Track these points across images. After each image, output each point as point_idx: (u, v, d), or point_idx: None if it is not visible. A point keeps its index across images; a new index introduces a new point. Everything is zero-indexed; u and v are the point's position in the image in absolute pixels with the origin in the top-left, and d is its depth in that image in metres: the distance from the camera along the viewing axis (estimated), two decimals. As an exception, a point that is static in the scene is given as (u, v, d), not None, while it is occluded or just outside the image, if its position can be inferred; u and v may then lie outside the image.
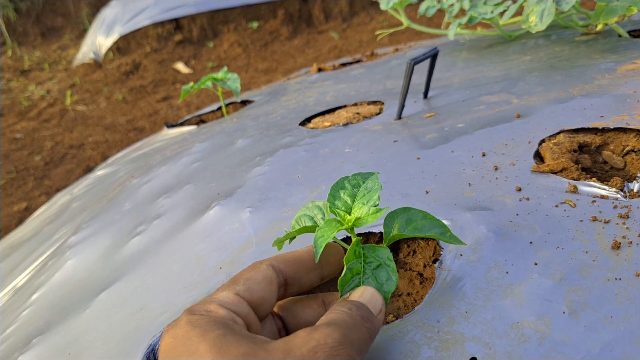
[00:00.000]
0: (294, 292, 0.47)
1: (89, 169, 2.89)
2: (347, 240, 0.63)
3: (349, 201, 0.52)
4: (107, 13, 4.88)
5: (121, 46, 4.76)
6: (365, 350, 0.40)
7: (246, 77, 3.98)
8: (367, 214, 0.49)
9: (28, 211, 2.56)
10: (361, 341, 0.39)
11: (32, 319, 0.76)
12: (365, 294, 0.44)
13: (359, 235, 0.63)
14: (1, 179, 2.97)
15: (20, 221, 2.42)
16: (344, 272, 0.46)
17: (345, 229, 0.49)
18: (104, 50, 4.72)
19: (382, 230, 0.51)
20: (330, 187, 0.53)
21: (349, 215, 0.50)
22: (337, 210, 0.51)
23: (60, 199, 1.53)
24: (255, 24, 4.87)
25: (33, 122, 3.83)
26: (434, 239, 0.61)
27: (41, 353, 0.66)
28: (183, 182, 0.94)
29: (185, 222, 0.79)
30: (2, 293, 0.98)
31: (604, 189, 0.60)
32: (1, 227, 2.46)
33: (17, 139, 3.53)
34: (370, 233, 0.63)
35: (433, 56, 0.96)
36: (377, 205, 0.50)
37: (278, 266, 0.45)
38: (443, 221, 0.59)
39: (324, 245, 0.47)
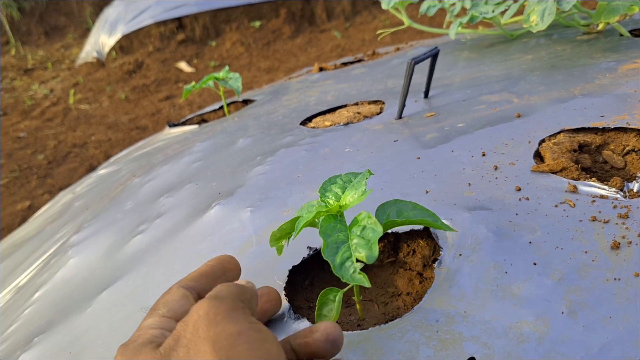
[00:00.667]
0: None
1: (91, 168, 2.90)
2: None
3: (339, 192, 0.52)
4: (110, 12, 4.89)
5: (124, 45, 4.77)
6: (242, 296, 0.40)
7: (248, 76, 3.99)
8: (353, 198, 0.50)
9: (31, 210, 2.57)
10: (229, 291, 0.40)
11: (34, 318, 0.76)
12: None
13: None
14: (4, 178, 2.98)
15: (23, 220, 2.43)
16: (323, 244, 0.47)
17: (332, 213, 0.50)
18: (107, 49, 4.73)
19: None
20: (323, 182, 0.53)
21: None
22: (327, 200, 0.51)
23: (63, 197, 1.54)
24: (257, 23, 4.87)
25: (36, 121, 3.84)
26: (433, 239, 0.61)
27: (43, 352, 0.66)
28: (184, 181, 0.95)
29: (187, 221, 0.79)
30: (4, 292, 0.98)
31: (603, 188, 0.60)
32: (4, 225, 2.47)
33: (21, 138, 3.54)
34: None
35: (434, 55, 0.96)
36: (364, 190, 0.50)
37: (187, 284, 0.46)
38: (443, 221, 0.59)
39: (301, 225, 0.49)
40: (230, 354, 0.32)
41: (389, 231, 0.62)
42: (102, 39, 4.76)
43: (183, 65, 4.50)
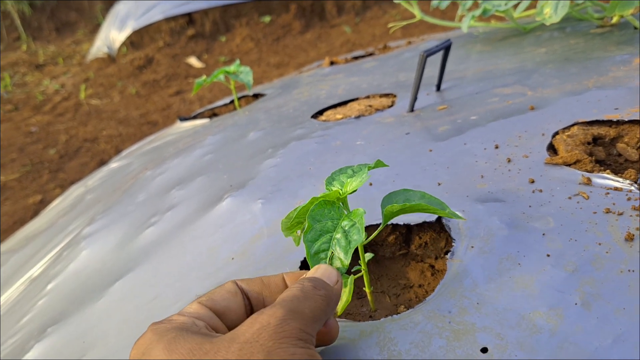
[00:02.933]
0: (261, 307, 0.47)
1: (102, 162, 2.92)
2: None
3: (345, 180, 0.52)
4: (120, 8, 4.91)
5: (134, 41, 4.79)
6: (323, 317, 0.41)
7: (258, 71, 3.99)
8: (352, 186, 0.50)
9: (43, 204, 2.59)
10: (315, 309, 0.40)
11: (47, 309, 0.77)
12: (318, 270, 0.45)
13: None
14: (17, 172, 3.01)
15: (35, 213, 2.45)
16: (306, 226, 0.47)
17: (333, 200, 0.49)
18: (117, 44, 4.75)
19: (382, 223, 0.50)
20: (332, 172, 0.53)
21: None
22: (331, 188, 0.51)
23: (75, 191, 1.55)
24: (267, 18, 4.87)
25: (48, 115, 3.87)
26: (445, 231, 0.61)
27: (56, 341, 0.67)
28: (196, 174, 0.95)
29: (198, 213, 0.79)
30: (19, 283, 0.99)
31: (617, 181, 0.59)
32: (17, 219, 2.49)
33: (32, 133, 3.57)
34: (370, 225, 0.63)
35: (446, 48, 0.96)
36: (364, 177, 0.50)
37: (241, 284, 0.46)
38: (457, 213, 0.59)
39: (297, 212, 0.49)
40: None
41: (401, 223, 0.62)
42: (113, 34, 4.78)
43: (193, 61, 4.51)
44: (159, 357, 0.36)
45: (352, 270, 0.53)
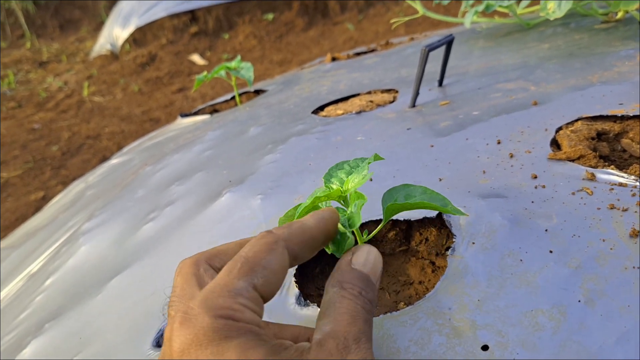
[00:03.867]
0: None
1: (105, 159, 2.92)
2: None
3: (344, 177, 0.51)
4: (123, 5, 4.91)
5: (137, 38, 4.79)
6: (372, 325, 0.38)
7: (261, 68, 3.98)
8: (354, 183, 0.48)
9: (45, 200, 2.59)
10: (367, 323, 0.37)
11: (46, 304, 0.77)
12: (369, 259, 0.41)
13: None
14: (19, 169, 3.01)
15: (37, 210, 2.45)
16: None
17: (335, 199, 0.49)
18: (120, 42, 4.75)
19: (382, 218, 0.49)
20: (329, 168, 0.52)
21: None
22: (330, 185, 0.50)
23: (76, 187, 1.55)
24: (270, 16, 4.86)
25: (51, 112, 3.87)
26: (446, 227, 0.60)
27: (54, 337, 0.66)
28: (195, 170, 0.94)
29: (197, 208, 0.79)
30: (18, 279, 0.99)
31: (622, 176, 0.58)
32: (19, 215, 2.50)
33: (35, 130, 3.57)
34: (370, 221, 0.62)
35: (448, 43, 0.95)
36: (366, 174, 0.49)
37: (292, 249, 0.39)
38: (458, 209, 0.58)
39: (300, 211, 0.47)
40: None
41: (401, 218, 0.61)
42: (116, 31, 4.78)
43: (196, 58, 4.51)
44: (232, 357, 0.31)
45: None
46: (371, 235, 0.50)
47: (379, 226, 0.49)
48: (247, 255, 0.36)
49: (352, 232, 0.47)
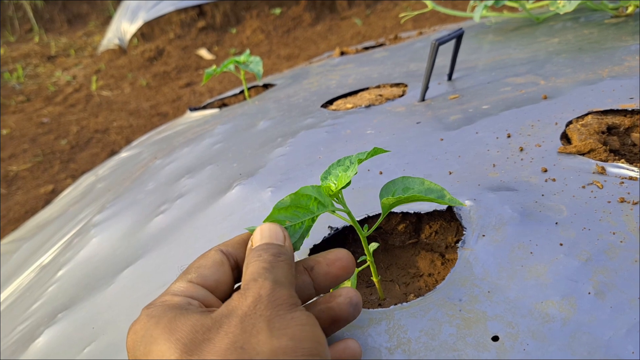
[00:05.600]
0: None
1: (113, 153, 2.93)
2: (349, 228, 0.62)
3: (340, 174, 0.50)
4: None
5: (145, 32, 4.79)
6: (293, 279, 0.41)
7: (268, 63, 3.98)
8: (342, 182, 0.48)
9: (54, 193, 2.61)
10: (285, 275, 0.40)
11: (58, 295, 0.78)
12: (263, 233, 0.44)
13: (359, 221, 0.61)
14: (28, 162, 3.03)
15: (46, 203, 2.47)
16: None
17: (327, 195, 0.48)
18: (128, 36, 4.76)
19: (390, 212, 0.49)
20: (329, 166, 0.51)
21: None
22: (329, 184, 0.49)
23: (86, 180, 1.56)
24: (278, 10, 4.85)
25: (59, 107, 3.89)
26: (456, 220, 0.60)
27: (66, 327, 0.67)
28: (205, 163, 0.95)
29: (208, 201, 0.79)
30: (29, 270, 1.00)
31: (632, 170, 0.58)
32: (29, 208, 2.52)
33: (44, 124, 3.59)
34: (375, 215, 0.62)
35: (458, 37, 0.94)
36: (352, 173, 0.48)
37: (227, 249, 0.45)
38: (466, 201, 0.58)
39: (269, 216, 0.48)
40: (283, 333, 0.35)
41: (411, 211, 0.61)
42: (124, 26, 4.79)
43: (203, 53, 4.51)
44: (159, 338, 0.36)
45: (357, 261, 0.53)
46: (371, 230, 0.50)
47: (378, 220, 0.49)
48: (190, 264, 0.45)
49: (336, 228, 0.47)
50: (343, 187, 0.48)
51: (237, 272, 0.45)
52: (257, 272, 0.40)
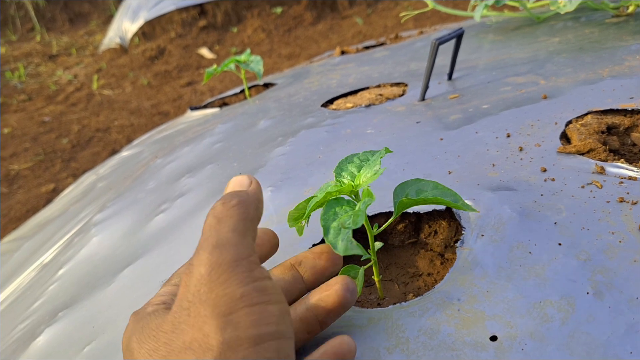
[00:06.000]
0: None
1: (114, 152, 2.94)
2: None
3: (355, 172, 0.51)
4: (132, -2, 4.92)
5: (146, 31, 4.80)
6: (250, 225, 0.36)
7: (269, 62, 3.98)
8: (367, 178, 0.48)
9: (55, 192, 2.61)
10: (236, 225, 0.35)
11: (58, 294, 0.78)
12: (228, 187, 0.42)
13: (369, 217, 0.62)
14: (30, 161, 3.04)
15: (47, 202, 2.47)
16: (324, 231, 0.45)
17: (347, 194, 0.49)
18: (129, 35, 4.76)
19: (392, 211, 0.50)
20: (339, 161, 0.52)
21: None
22: (342, 180, 0.50)
23: (87, 179, 1.56)
24: (279, 9, 4.85)
25: (60, 105, 3.90)
26: (455, 220, 0.60)
27: (66, 326, 0.67)
28: (206, 162, 0.95)
29: (208, 200, 0.79)
30: (30, 269, 1.00)
31: (632, 170, 0.58)
32: (30, 207, 2.52)
33: (45, 122, 3.60)
34: (380, 213, 0.62)
35: (458, 36, 0.94)
36: (378, 169, 0.49)
37: None
38: (466, 201, 0.58)
39: (311, 207, 0.48)
40: (230, 320, 0.30)
41: (410, 211, 0.61)
42: (125, 25, 4.80)
43: (204, 52, 4.51)
44: (135, 349, 0.35)
45: (361, 260, 0.53)
46: (382, 228, 0.51)
47: (390, 220, 0.50)
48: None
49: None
50: (366, 184, 0.48)
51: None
52: (203, 236, 0.35)
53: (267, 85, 1.66)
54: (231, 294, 0.31)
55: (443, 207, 0.60)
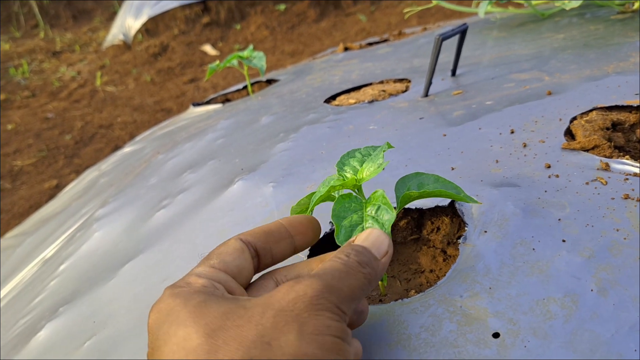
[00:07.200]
0: (268, 263, 0.46)
1: (117, 148, 2.94)
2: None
3: (357, 166, 0.51)
4: (136, -5, 4.91)
5: (150, 28, 4.79)
6: (361, 295, 0.39)
7: (272, 59, 3.97)
8: (370, 172, 0.48)
9: (58, 188, 2.62)
10: (355, 288, 0.38)
11: (60, 289, 0.78)
12: (370, 237, 0.43)
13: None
14: (33, 157, 3.04)
15: (50, 198, 2.47)
16: (336, 228, 0.46)
17: (350, 188, 0.49)
18: (133, 32, 4.76)
19: (394, 207, 0.49)
20: (341, 156, 0.52)
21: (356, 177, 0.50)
22: (344, 174, 0.50)
23: (89, 175, 1.56)
24: (282, 6, 4.84)
25: (64, 102, 3.90)
26: (458, 216, 0.59)
27: (67, 321, 0.67)
28: (207, 158, 0.95)
29: (209, 196, 0.79)
30: (32, 264, 1.00)
31: (637, 166, 0.58)
32: (33, 203, 2.52)
33: (49, 119, 3.60)
34: None
35: (462, 32, 0.94)
36: (381, 163, 0.49)
37: (246, 238, 0.44)
38: (470, 196, 0.58)
39: (315, 200, 0.48)
40: (315, 339, 0.33)
41: (412, 207, 0.61)
42: (128, 22, 4.79)
43: (208, 49, 4.51)
44: (187, 320, 0.35)
45: None
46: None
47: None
48: (210, 252, 0.44)
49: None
50: (369, 178, 0.49)
51: (256, 261, 0.45)
52: (326, 270, 0.38)
53: (269, 82, 1.65)
54: (321, 322, 0.34)
55: (446, 203, 0.60)
